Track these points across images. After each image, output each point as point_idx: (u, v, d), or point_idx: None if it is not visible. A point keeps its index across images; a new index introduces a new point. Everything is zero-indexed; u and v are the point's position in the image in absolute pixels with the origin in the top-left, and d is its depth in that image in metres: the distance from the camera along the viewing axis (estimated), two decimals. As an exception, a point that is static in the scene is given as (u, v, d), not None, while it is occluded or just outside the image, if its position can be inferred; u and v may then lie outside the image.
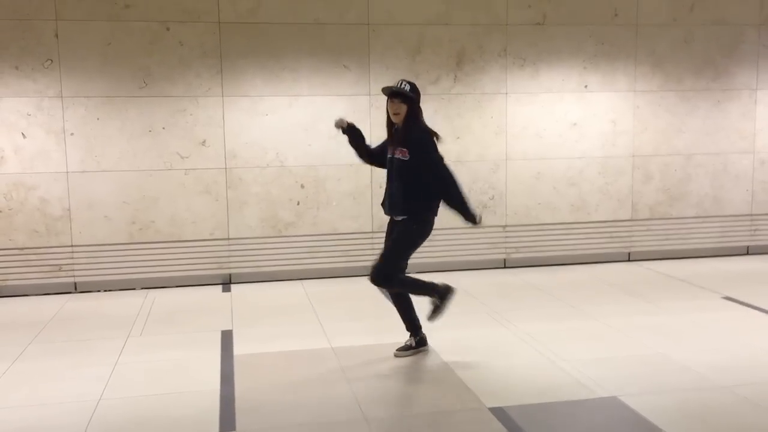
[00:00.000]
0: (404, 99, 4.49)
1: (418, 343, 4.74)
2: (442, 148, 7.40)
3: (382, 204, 4.73)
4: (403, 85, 4.51)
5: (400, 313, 4.75)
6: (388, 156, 4.61)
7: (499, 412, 3.77)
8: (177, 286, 6.81)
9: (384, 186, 4.73)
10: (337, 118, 4.77)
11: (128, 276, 6.72)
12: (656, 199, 7.68)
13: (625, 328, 5.19)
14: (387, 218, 4.73)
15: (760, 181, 7.88)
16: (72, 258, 6.61)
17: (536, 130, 7.34)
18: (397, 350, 4.72)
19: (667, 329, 5.17)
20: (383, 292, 4.82)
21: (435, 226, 6.89)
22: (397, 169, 4.52)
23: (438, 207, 4.58)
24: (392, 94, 4.52)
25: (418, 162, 4.45)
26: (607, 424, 3.69)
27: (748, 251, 7.94)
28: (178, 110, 6.64)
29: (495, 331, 5.20)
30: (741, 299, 6.00)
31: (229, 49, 6.67)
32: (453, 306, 6.01)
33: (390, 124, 4.62)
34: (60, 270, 6.61)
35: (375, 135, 6.97)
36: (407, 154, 4.46)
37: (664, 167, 7.65)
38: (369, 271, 4.59)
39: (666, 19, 7.44)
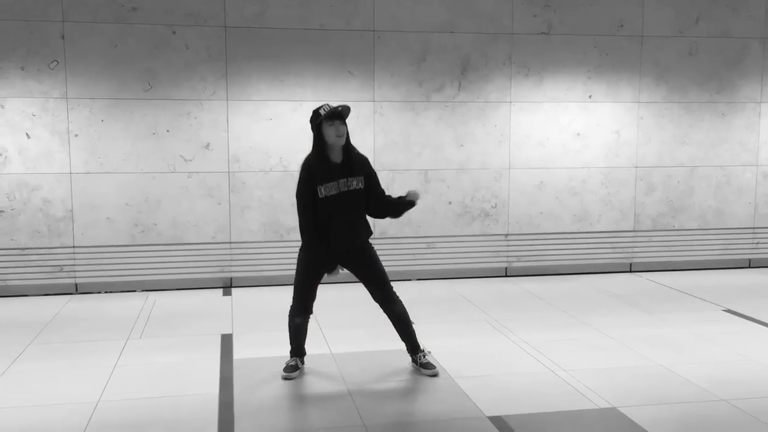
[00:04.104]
0: (344, 120, 4.08)
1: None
2: (445, 155, 7.38)
3: (333, 241, 4.20)
4: (336, 106, 4.10)
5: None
6: (343, 190, 4.13)
7: (498, 421, 3.76)
8: (178, 289, 6.81)
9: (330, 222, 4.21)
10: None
11: (129, 278, 6.73)
12: (659, 211, 7.67)
13: (625, 340, 5.18)
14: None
15: (763, 194, 7.87)
16: (73, 259, 6.61)
17: (539, 139, 7.34)
18: None
19: (667, 341, 5.16)
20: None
21: (436, 234, 6.86)
22: (354, 199, 4.19)
23: None
24: (336, 114, 4.01)
25: (370, 186, 4.26)
26: (606, 436, 3.68)
27: (750, 264, 7.93)
28: (183, 113, 6.66)
29: (495, 340, 5.19)
30: (742, 312, 5.98)
31: (235, 54, 6.68)
32: (454, 314, 5.99)
33: (323, 155, 4.10)
34: (61, 271, 6.61)
35: (378, 142, 6.98)
36: (362, 182, 4.22)
37: (667, 179, 7.65)
38: (388, 301, 4.49)
39: (671, 31, 7.44)
